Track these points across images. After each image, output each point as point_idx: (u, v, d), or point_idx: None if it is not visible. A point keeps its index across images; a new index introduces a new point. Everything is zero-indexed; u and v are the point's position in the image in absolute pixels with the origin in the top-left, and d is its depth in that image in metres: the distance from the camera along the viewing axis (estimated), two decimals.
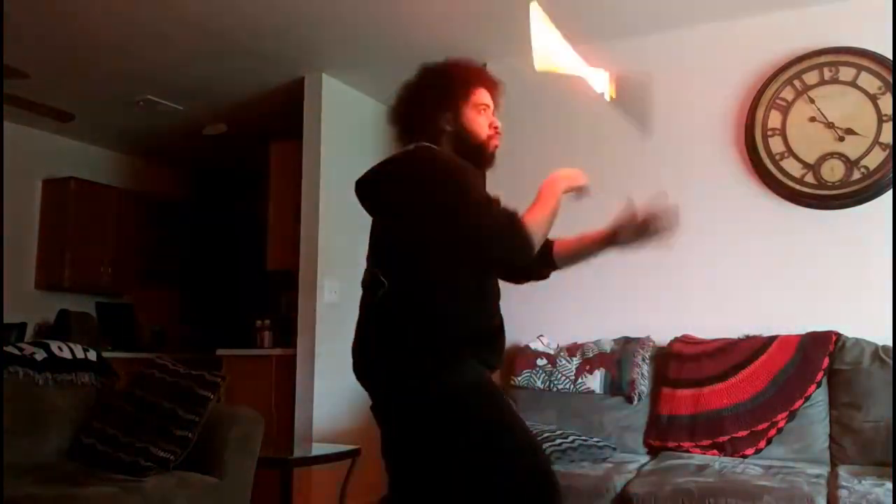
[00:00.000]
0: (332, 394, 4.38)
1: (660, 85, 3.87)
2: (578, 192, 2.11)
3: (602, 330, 3.70)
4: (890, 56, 3.34)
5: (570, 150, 4.05)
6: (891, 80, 3.33)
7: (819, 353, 3.14)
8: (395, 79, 2.15)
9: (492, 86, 2.02)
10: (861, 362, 3.09)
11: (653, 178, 3.82)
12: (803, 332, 3.24)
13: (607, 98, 2.06)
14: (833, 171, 3.41)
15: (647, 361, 3.46)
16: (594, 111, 4.04)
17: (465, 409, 1.73)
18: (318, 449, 3.78)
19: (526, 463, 1.74)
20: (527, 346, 3.71)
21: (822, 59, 3.47)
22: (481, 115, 1.96)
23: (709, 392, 3.21)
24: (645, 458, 3.17)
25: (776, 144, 3.53)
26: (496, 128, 1.99)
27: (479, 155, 1.99)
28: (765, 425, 3.08)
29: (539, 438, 3.00)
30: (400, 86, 2.01)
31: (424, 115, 1.93)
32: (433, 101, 1.93)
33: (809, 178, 3.45)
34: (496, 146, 2.02)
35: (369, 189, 1.94)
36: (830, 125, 3.43)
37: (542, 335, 3.74)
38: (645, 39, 3.90)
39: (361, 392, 2.08)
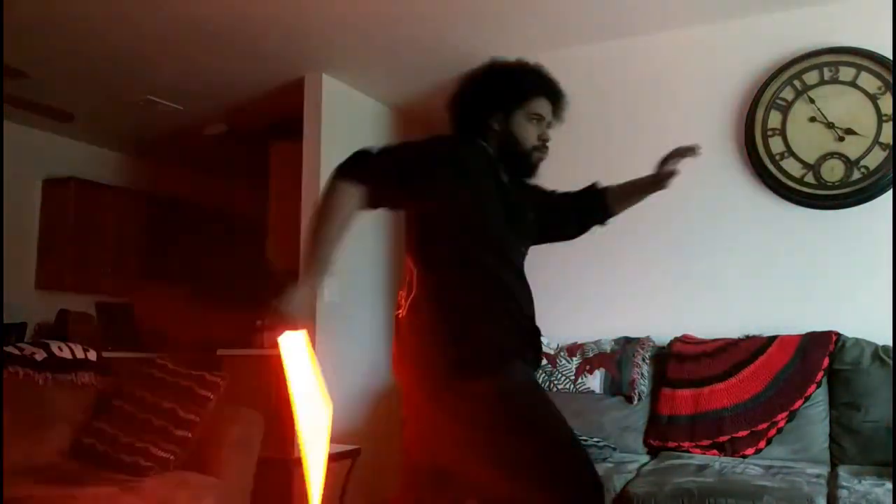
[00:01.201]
0: (331, 393, 4.37)
1: (660, 85, 3.88)
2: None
3: (602, 330, 3.70)
4: (890, 56, 3.34)
5: (570, 149, 4.04)
6: (891, 80, 3.33)
7: (819, 353, 3.14)
8: (395, 79, 2.17)
9: (554, 99, 2.03)
10: (861, 362, 3.09)
11: None
12: (803, 332, 3.24)
13: None
14: (833, 171, 3.41)
15: (647, 361, 3.45)
16: (594, 111, 4.04)
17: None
18: None
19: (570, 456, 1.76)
20: None
21: (822, 59, 3.47)
22: (532, 124, 1.96)
23: (709, 392, 3.21)
24: (645, 458, 3.17)
25: (776, 144, 3.53)
26: (545, 141, 1.99)
27: (520, 162, 1.98)
28: (765, 425, 3.08)
29: None
30: (464, 75, 2.01)
31: (477, 108, 1.94)
32: (489, 97, 1.94)
33: (809, 178, 3.45)
34: (540, 159, 2.01)
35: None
36: (830, 125, 3.43)
37: (541, 335, 3.74)
38: (645, 39, 3.90)
39: (361, 392, 2.09)
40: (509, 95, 1.94)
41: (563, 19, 3.80)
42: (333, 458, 3.51)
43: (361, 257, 4.81)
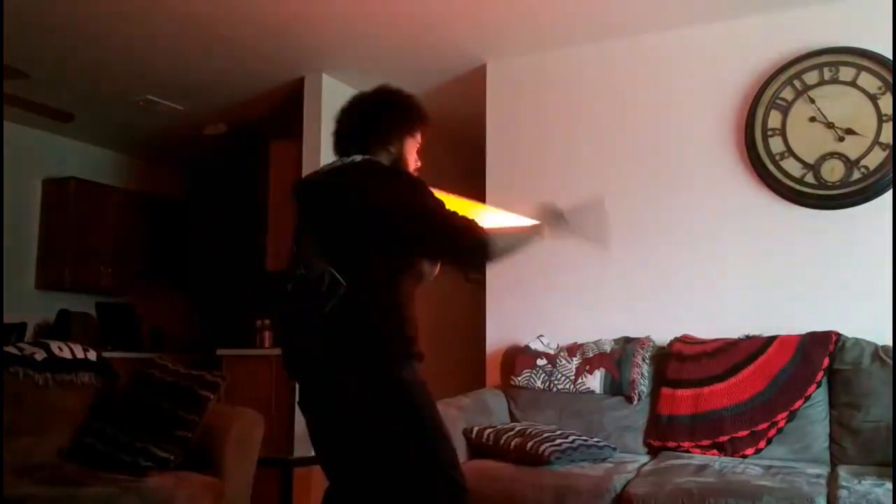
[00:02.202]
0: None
1: (660, 85, 3.88)
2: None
3: (602, 330, 3.70)
4: (890, 56, 3.34)
5: (569, 149, 4.05)
6: (891, 80, 3.33)
7: (819, 353, 3.14)
8: (395, 79, 2.19)
9: (428, 128, 2.23)
10: (861, 362, 3.08)
11: (652, 177, 3.82)
12: (803, 332, 3.24)
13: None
14: (833, 171, 3.41)
15: (647, 361, 3.45)
16: (594, 111, 4.05)
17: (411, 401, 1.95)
18: None
19: (444, 464, 1.96)
20: (527, 346, 3.71)
21: (822, 59, 3.47)
22: (413, 150, 2.18)
23: (709, 392, 3.21)
24: (645, 458, 3.17)
25: (776, 144, 3.53)
26: (418, 165, 2.20)
27: None
28: (765, 425, 3.08)
29: (539, 438, 3.01)
30: (356, 96, 2.19)
31: (382, 132, 2.12)
32: (394, 123, 2.13)
33: (809, 178, 3.45)
34: None
35: (338, 191, 2.06)
36: (830, 125, 3.43)
37: (542, 335, 3.74)
38: (645, 39, 3.91)
39: None
40: (409, 123, 2.16)
41: (562, 19, 3.80)
42: None
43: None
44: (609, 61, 4.02)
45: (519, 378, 3.59)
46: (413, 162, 2.18)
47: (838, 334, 3.19)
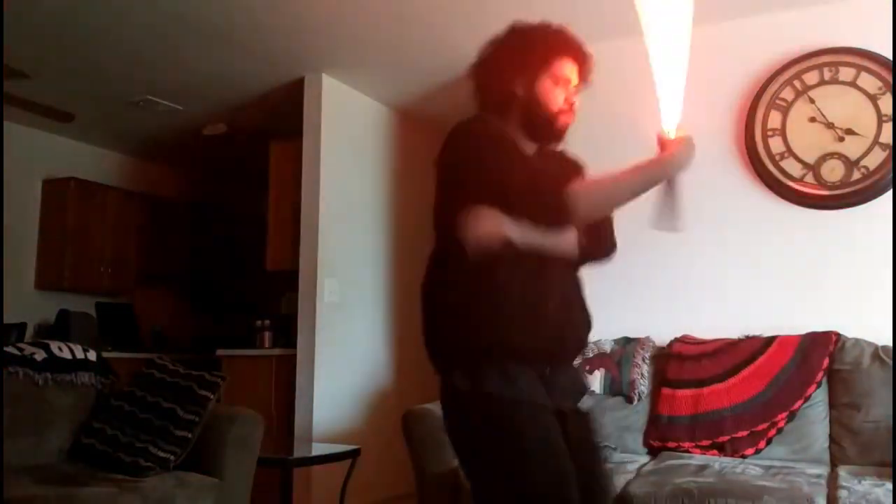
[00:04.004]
0: (332, 394, 4.38)
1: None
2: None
3: (602, 330, 3.69)
4: (890, 56, 3.34)
5: (570, 148, 4.04)
6: (891, 80, 3.33)
7: (819, 354, 3.14)
8: (395, 79, 2.17)
9: (581, 61, 1.91)
10: (861, 362, 3.08)
11: None
12: (803, 333, 3.24)
13: None
14: (833, 171, 3.41)
15: (647, 361, 3.45)
16: (594, 111, 4.04)
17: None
18: (318, 449, 3.78)
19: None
20: None
21: (822, 59, 3.47)
22: (558, 88, 1.85)
23: (709, 392, 3.21)
24: (645, 459, 3.17)
25: (776, 144, 3.53)
26: (571, 104, 1.87)
27: (545, 127, 1.89)
28: (765, 425, 3.08)
29: None
30: (486, 41, 1.92)
31: (499, 74, 1.85)
32: (511, 61, 1.84)
33: (809, 178, 3.45)
34: (566, 123, 1.91)
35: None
36: (830, 125, 3.43)
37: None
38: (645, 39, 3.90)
39: (361, 392, 2.08)
40: (534, 57, 1.85)
41: (562, 19, 3.77)
42: (333, 458, 3.51)
43: (361, 257, 4.81)
44: (609, 61, 3.99)
45: None
46: (556, 101, 1.84)
47: (838, 334, 3.19)
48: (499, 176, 1.66)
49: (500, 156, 1.69)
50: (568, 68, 1.86)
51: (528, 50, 1.85)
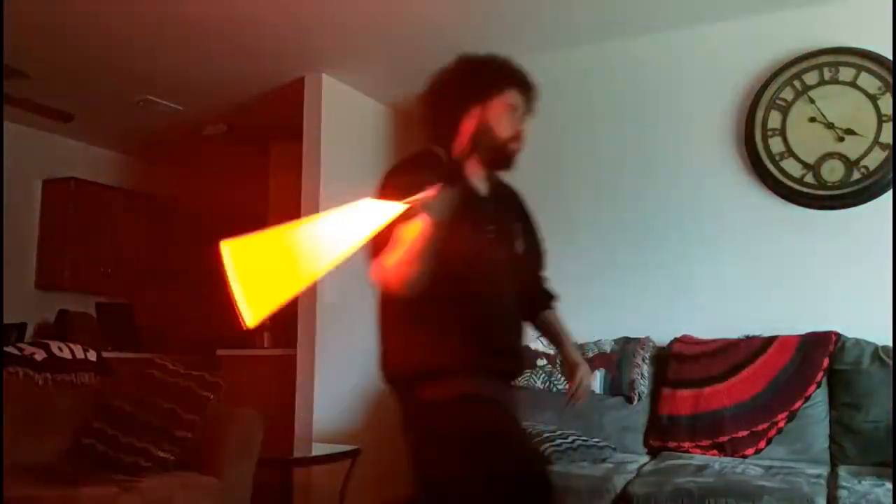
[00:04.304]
0: (332, 394, 4.38)
1: (659, 85, 3.88)
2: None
3: (602, 330, 3.70)
4: (890, 56, 3.33)
5: (569, 149, 4.05)
6: (891, 80, 3.33)
7: (819, 354, 3.14)
8: (395, 79, 2.16)
9: (527, 90, 1.97)
10: (861, 362, 3.08)
11: (652, 177, 3.82)
12: (803, 333, 3.24)
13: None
14: (833, 171, 3.41)
15: (647, 361, 3.45)
16: (594, 111, 4.04)
17: None
18: (318, 449, 3.78)
19: None
20: (527, 346, 3.70)
21: (822, 59, 3.47)
22: (508, 116, 1.92)
23: (709, 392, 3.21)
24: (645, 459, 3.17)
25: (776, 144, 3.53)
26: (520, 132, 1.94)
27: (496, 156, 1.93)
28: (765, 425, 3.08)
29: (539, 438, 3.01)
30: (434, 72, 1.96)
31: (448, 104, 1.90)
32: (461, 91, 1.90)
33: (809, 178, 3.45)
34: (516, 150, 1.96)
35: None
36: (830, 125, 3.43)
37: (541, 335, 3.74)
38: (645, 39, 3.90)
39: (361, 392, 2.10)
40: (482, 88, 1.89)
41: (563, 20, 3.80)
42: (333, 458, 3.51)
43: (362, 258, 4.80)
44: (609, 62, 4.02)
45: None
46: (506, 130, 1.90)
47: (838, 334, 3.19)
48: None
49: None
50: (515, 97, 1.92)
51: (477, 80, 1.90)
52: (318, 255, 1.65)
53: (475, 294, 1.82)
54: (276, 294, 1.62)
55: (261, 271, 1.64)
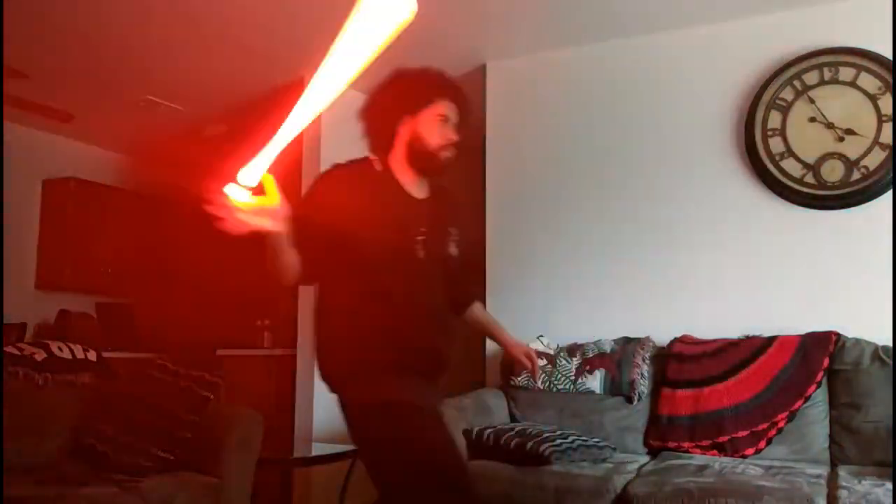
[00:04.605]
0: (332, 394, 4.37)
1: (660, 85, 3.88)
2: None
3: (602, 330, 3.70)
4: (890, 56, 3.34)
5: (569, 148, 4.05)
6: (891, 80, 3.33)
7: (819, 353, 3.14)
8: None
9: (457, 100, 2.08)
10: (861, 362, 3.08)
11: (652, 178, 3.82)
12: (803, 333, 3.24)
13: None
14: (833, 171, 3.41)
15: (647, 361, 3.45)
16: (594, 111, 4.04)
17: None
18: (318, 449, 3.78)
19: None
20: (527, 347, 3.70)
21: (822, 59, 3.47)
22: (439, 126, 2.03)
23: (709, 392, 3.21)
24: (645, 459, 3.17)
25: (776, 144, 3.53)
26: (451, 141, 2.04)
27: (428, 162, 2.04)
28: (765, 425, 3.08)
29: (539, 438, 3.01)
30: (372, 88, 2.10)
31: (384, 115, 2.04)
32: (395, 103, 2.04)
33: (809, 179, 3.45)
34: (447, 157, 2.06)
35: None
36: (830, 125, 3.43)
37: (542, 335, 3.74)
38: (644, 39, 3.91)
39: None
40: (415, 99, 2.03)
41: (563, 19, 3.80)
42: (333, 458, 3.50)
43: None
44: (609, 61, 4.02)
45: (519, 378, 3.59)
46: (437, 138, 2.01)
47: (838, 334, 3.19)
48: None
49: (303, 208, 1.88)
50: (447, 107, 2.03)
51: (411, 92, 2.04)
52: None
53: (397, 293, 1.91)
54: None
55: None
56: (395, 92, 2.06)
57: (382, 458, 1.83)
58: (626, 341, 3.56)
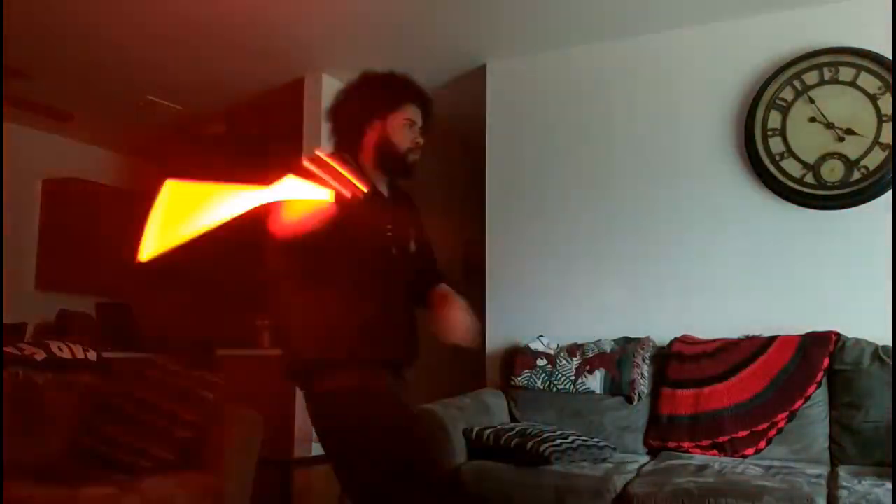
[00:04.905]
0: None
1: (660, 85, 3.88)
2: None
3: (602, 330, 3.70)
4: (890, 56, 3.33)
5: (569, 148, 4.05)
6: (891, 80, 3.33)
7: (819, 353, 3.14)
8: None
9: (422, 104, 2.15)
10: (861, 362, 3.08)
11: (652, 178, 3.82)
12: (803, 333, 3.24)
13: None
14: (833, 171, 3.41)
15: (647, 361, 3.45)
16: (594, 112, 4.04)
17: None
18: (318, 449, 3.76)
19: None
20: (527, 347, 3.71)
21: (822, 59, 3.47)
22: (406, 129, 2.10)
23: (709, 392, 3.21)
24: (645, 459, 3.17)
25: (776, 144, 3.52)
26: (418, 144, 2.12)
27: (395, 164, 2.12)
28: (765, 425, 3.08)
29: (539, 438, 3.01)
30: (339, 88, 2.18)
31: (351, 117, 2.11)
32: (363, 105, 2.10)
33: (809, 178, 3.45)
34: (414, 160, 2.14)
35: None
36: (830, 125, 3.43)
37: (542, 335, 3.74)
38: (644, 39, 3.90)
39: None
40: (383, 103, 2.10)
41: (563, 19, 3.80)
42: None
43: None
44: (609, 61, 4.02)
45: (519, 378, 3.59)
46: (405, 142, 2.10)
47: (838, 334, 3.19)
48: None
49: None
50: (413, 111, 2.11)
51: (378, 95, 2.11)
52: (207, 215, 1.78)
53: (367, 285, 1.98)
54: (165, 240, 1.78)
55: (174, 216, 1.81)
56: (363, 95, 2.14)
57: (346, 445, 1.91)
58: (626, 341, 3.56)
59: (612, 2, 3.61)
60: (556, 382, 3.51)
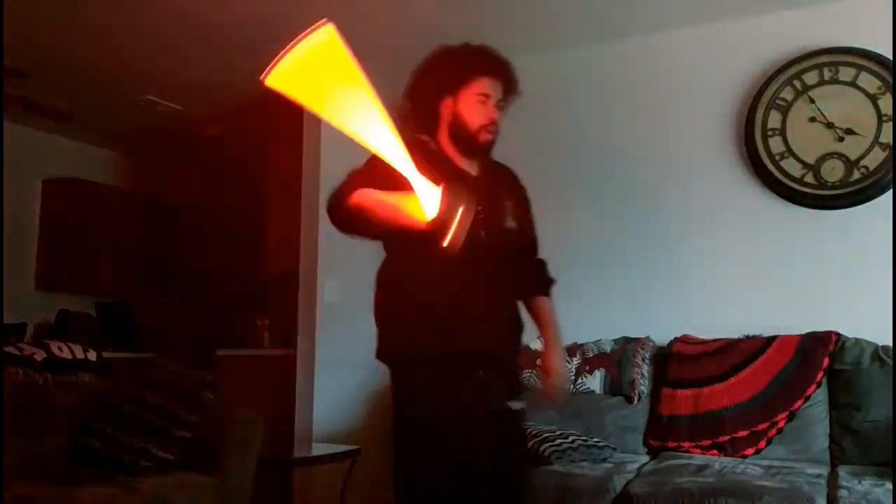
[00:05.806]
0: (332, 394, 4.38)
1: (659, 85, 3.88)
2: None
3: (602, 330, 3.70)
4: (890, 56, 3.33)
5: (571, 148, 4.05)
6: (891, 80, 3.33)
7: (819, 353, 3.14)
8: (395, 79, 2.17)
9: (502, 78, 2.00)
10: (861, 362, 3.08)
11: (652, 177, 3.82)
12: (803, 333, 3.24)
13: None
14: (833, 171, 3.41)
15: (647, 361, 3.45)
16: (594, 112, 4.04)
17: None
18: (318, 449, 3.78)
19: None
20: (527, 346, 3.69)
21: (822, 59, 3.47)
22: (479, 105, 1.96)
23: (709, 392, 3.21)
24: (645, 458, 3.17)
25: (776, 144, 3.52)
26: (492, 120, 1.98)
27: (468, 144, 1.99)
28: (765, 425, 3.08)
29: (539, 438, 3.01)
30: (414, 68, 2.03)
31: (425, 96, 1.98)
32: (435, 83, 1.97)
33: (809, 178, 3.45)
34: (487, 139, 2.00)
35: None
36: (830, 125, 3.43)
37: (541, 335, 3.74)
38: (644, 39, 3.90)
39: (362, 391, 2.13)
40: (456, 77, 1.96)
41: (563, 20, 3.80)
42: (333, 458, 3.51)
43: (362, 257, 4.80)
44: (609, 62, 4.02)
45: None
46: (477, 119, 1.96)
47: (838, 334, 3.19)
48: None
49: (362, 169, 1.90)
50: (488, 85, 1.96)
51: (449, 71, 1.96)
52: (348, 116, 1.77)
53: (460, 274, 1.85)
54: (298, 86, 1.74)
55: (320, 77, 1.75)
56: (433, 72, 2.01)
57: (421, 445, 1.88)
58: (626, 341, 3.56)
59: (612, 3, 3.61)
60: None
